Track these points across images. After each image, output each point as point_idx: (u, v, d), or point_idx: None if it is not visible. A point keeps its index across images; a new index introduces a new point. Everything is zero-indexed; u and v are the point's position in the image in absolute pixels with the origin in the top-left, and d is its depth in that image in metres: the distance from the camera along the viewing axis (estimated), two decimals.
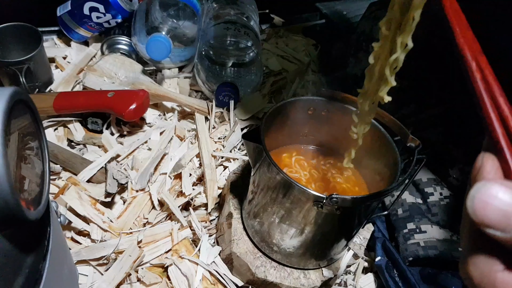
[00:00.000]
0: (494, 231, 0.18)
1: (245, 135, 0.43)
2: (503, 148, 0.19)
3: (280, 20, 0.92)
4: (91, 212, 0.53)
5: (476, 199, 0.18)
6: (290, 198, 0.41)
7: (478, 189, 0.19)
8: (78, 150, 0.64)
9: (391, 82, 0.36)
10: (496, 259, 0.19)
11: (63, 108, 0.63)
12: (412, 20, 0.32)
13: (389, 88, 0.37)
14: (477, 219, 0.18)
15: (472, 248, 0.20)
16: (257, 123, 0.69)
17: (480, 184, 0.19)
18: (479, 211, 0.18)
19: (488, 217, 0.18)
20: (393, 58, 0.34)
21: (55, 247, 0.33)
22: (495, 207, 0.18)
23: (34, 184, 0.30)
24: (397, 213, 0.58)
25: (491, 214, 0.18)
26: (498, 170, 0.20)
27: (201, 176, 0.60)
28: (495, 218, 0.18)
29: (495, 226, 0.18)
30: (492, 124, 0.20)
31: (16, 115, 0.27)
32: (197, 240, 0.55)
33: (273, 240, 0.47)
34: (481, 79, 0.21)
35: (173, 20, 0.68)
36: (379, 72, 0.37)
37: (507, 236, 0.18)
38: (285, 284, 0.47)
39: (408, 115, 0.64)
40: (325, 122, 0.50)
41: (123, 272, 0.49)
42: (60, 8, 0.75)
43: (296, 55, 0.84)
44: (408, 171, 0.41)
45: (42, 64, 0.67)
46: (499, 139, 0.20)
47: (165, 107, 0.70)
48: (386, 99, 0.37)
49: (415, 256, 0.53)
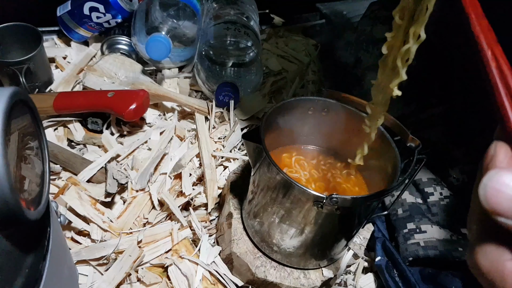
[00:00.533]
0: (506, 219, 0.18)
1: (245, 135, 0.43)
2: None
3: (280, 20, 0.92)
4: (91, 212, 0.53)
5: (489, 187, 0.18)
6: (290, 198, 0.41)
7: (491, 177, 0.18)
8: (78, 150, 0.64)
9: (402, 76, 0.36)
10: (506, 248, 0.19)
11: (63, 108, 0.63)
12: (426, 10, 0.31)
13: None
14: (489, 207, 0.18)
15: (481, 237, 0.20)
16: (257, 123, 0.69)
17: (493, 172, 0.19)
18: (491, 199, 0.18)
19: (500, 205, 0.18)
20: (404, 49, 0.34)
21: (55, 247, 0.33)
22: (508, 195, 0.18)
23: (34, 184, 0.30)
24: (397, 213, 0.58)
25: (503, 202, 0.18)
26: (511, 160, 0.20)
27: (201, 176, 0.60)
28: (507, 207, 0.18)
29: (507, 215, 0.18)
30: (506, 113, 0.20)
31: (16, 115, 0.27)
32: (197, 240, 0.55)
33: (273, 240, 0.47)
34: (496, 67, 0.21)
35: (173, 20, 0.68)
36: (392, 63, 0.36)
37: None
38: (285, 284, 0.47)
39: (408, 115, 0.64)
40: (325, 122, 0.50)
41: (123, 272, 0.49)
42: (60, 8, 0.75)
43: (296, 55, 0.84)
44: (408, 171, 0.41)
45: (42, 64, 0.67)
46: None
47: (165, 107, 0.70)
48: (395, 93, 0.37)
49: (415, 256, 0.53)
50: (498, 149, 0.20)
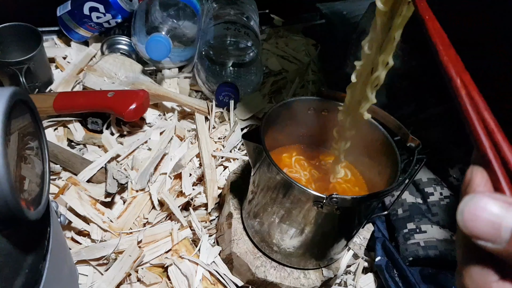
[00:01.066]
0: (485, 242, 0.18)
1: (245, 135, 0.43)
2: (491, 160, 0.20)
3: (280, 20, 0.92)
4: (91, 212, 0.53)
5: (466, 212, 0.19)
6: (290, 198, 0.41)
7: (467, 203, 0.19)
8: (78, 150, 0.64)
9: (372, 100, 0.38)
10: (490, 269, 0.19)
11: (63, 108, 0.63)
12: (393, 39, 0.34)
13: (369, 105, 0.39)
14: (467, 231, 0.19)
15: (466, 260, 0.20)
16: (257, 123, 0.69)
17: (468, 198, 0.19)
18: (469, 223, 0.19)
19: (478, 229, 0.18)
20: (374, 76, 0.36)
21: (55, 247, 0.33)
22: (484, 219, 0.18)
23: (34, 184, 0.30)
24: (397, 213, 0.58)
25: (480, 226, 0.18)
26: (488, 183, 0.20)
27: (201, 176, 0.60)
28: (484, 230, 0.18)
29: (486, 238, 0.18)
30: (479, 137, 0.20)
31: (16, 115, 0.27)
32: (197, 240, 0.55)
33: (273, 240, 0.47)
34: (466, 94, 0.21)
35: (173, 20, 0.68)
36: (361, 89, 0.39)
37: (499, 247, 0.18)
38: (285, 284, 0.47)
39: (408, 115, 0.64)
40: (325, 122, 0.50)
41: (123, 272, 0.49)
42: (60, 8, 0.75)
43: (296, 55, 0.84)
44: (408, 171, 0.41)
45: (42, 64, 0.67)
46: (486, 152, 0.20)
47: (165, 107, 0.70)
48: (366, 116, 0.40)
49: (415, 256, 0.53)
50: (474, 174, 0.21)
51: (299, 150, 0.53)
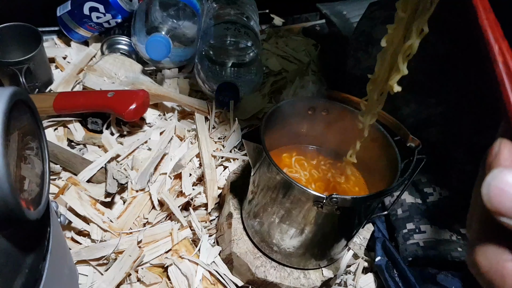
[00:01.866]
0: (508, 219, 0.18)
1: (245, 135, 0.43)
2: None
3: (280, 20, 0.92)
4: (91, 212, 0.53)
5: (492, 186, 0.18)
6: (290, 198, 0.41)
7: (495, 176, 0.18)
8: (78, 150, 0.64)
9: (403, 71, 0.34)
10: (506, 249, 0.18)
11: (63, 108, 0.63)
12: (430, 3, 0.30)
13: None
14: (492, 206, 0.18)
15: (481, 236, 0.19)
16: (257, 123, 0.69)
17: (497, 171, 0.18)
18: (495, 198, 0.18)
19: (503, 205, 0.18)
20: (407, 44, 0.33)
21: (55, 247, 0.33)
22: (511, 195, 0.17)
23: (34, 184, 0.30)
24: (396, 213, 0.58)
25: (506, 202, 0.17)
26: None
27: (201, 176, 0.60)
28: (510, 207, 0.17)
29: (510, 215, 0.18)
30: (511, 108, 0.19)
31: (16, 115, 0.27)
32: (197, 240, 0.55)
33: (273, 240, 0.47)
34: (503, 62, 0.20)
35: (173, 20, 0.68)
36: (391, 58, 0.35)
37: None
38: (285, 284, 0.48)
39: (408, 115, 0.64)
40: (325, 122, 0.50)
41: (123, 272, 0.49)
42: (60, 8, 0.75)
43: (296, 55, 0.84)
44: (408, 171, 0.41)
45: (42, 64, 0.67)
46: None
47: (165, 107, 0.70)
48: (396, 89, 0.35)
49: (414, 256, 0.53)
50: (502, 147, 0.19)
51: (299, 150, 0.53)
